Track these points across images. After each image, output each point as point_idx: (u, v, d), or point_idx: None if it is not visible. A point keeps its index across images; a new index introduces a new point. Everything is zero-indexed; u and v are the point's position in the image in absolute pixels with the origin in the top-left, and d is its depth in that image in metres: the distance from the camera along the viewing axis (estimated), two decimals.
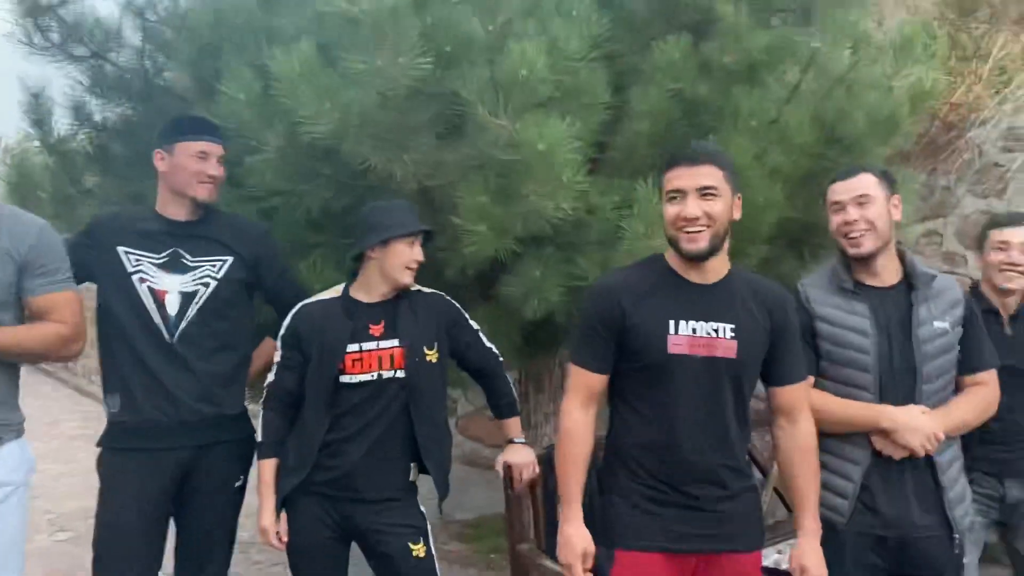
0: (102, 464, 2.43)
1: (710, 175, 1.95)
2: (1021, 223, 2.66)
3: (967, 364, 2.22)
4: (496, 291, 2.78)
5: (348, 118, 2.45)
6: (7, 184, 3.54)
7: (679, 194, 1.96)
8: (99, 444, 2.44)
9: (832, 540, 2.10)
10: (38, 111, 3.47)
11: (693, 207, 1.94)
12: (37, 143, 3.53)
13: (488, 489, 4.31)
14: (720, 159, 1.99)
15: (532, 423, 3.49)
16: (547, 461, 2.59)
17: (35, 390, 2.11)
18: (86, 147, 3.59)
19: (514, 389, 2.60)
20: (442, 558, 2.43)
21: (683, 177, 1.95)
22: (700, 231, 1.94)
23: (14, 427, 2.19)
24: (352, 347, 2.30)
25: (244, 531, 2.31)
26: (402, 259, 2.31)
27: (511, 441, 2.51)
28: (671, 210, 1.97)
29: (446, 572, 3.75)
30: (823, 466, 2.16)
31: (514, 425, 2.52)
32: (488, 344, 2.49)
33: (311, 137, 2.49)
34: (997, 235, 2.66)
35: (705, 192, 1.94)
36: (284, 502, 2.33)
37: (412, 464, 2.37)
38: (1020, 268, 2.61)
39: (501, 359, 2.53)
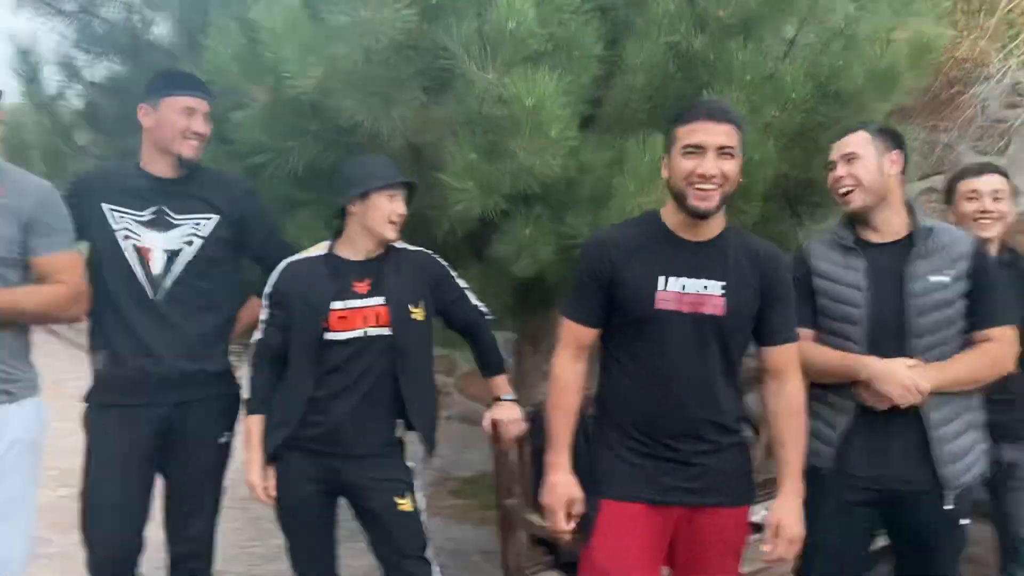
0: (88, 419, 2.45)
1: (730, 135, 1.94)
2: (988, 172, 2.66)
3: (975, 320, 2.19)
4: (487, 250, 2.76)
5: (333, 73, 2.40)
6: (4, 143, 3.52)
7: (697, 149, 1.93)
8: (85, 400, 2.46)
9: (815, 485, 2.12)
10: (28, 68, 3.43)
11: (712, 165, 1.92)
12: (28, 100, 3.50)
13: (486, 447, 4.35)
14: (737, 119, 1.98)
15: (528, 383, 3.49)
16: (535, 419, 2.61)
17: (41, 349, 2.13)
18: (76, 104, 3.55)
19: (505, 348, 2.60)
20: (438, 514, 2.46)
21: (704, 132, 1.93)
22: (713, 189, 1.93)
23: (28, 385, 2.23)
24: (337, 304, 2.29)
25: (244, 487, 2.36)
26: (382, 212, 2.29)
27: (498, 398, 2.51)
28: (686, 164, 1.94)
29: (441, 528, 3.80)
30: (812, 414, 2.18)
31: (501, 383, 2.52)
32: (475, 302, 2.48)
33: (296, 92, 2.45)
34: (966, 185, 2.67)
35: (723, 151, 1.93)
36: (272, 457, 2.35)
37: (398, 420, 2.38)
38: (994, 215, 2.60)
39: (490, 317, 2.52)
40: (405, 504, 2.33)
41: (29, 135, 3.50)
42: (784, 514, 2.04)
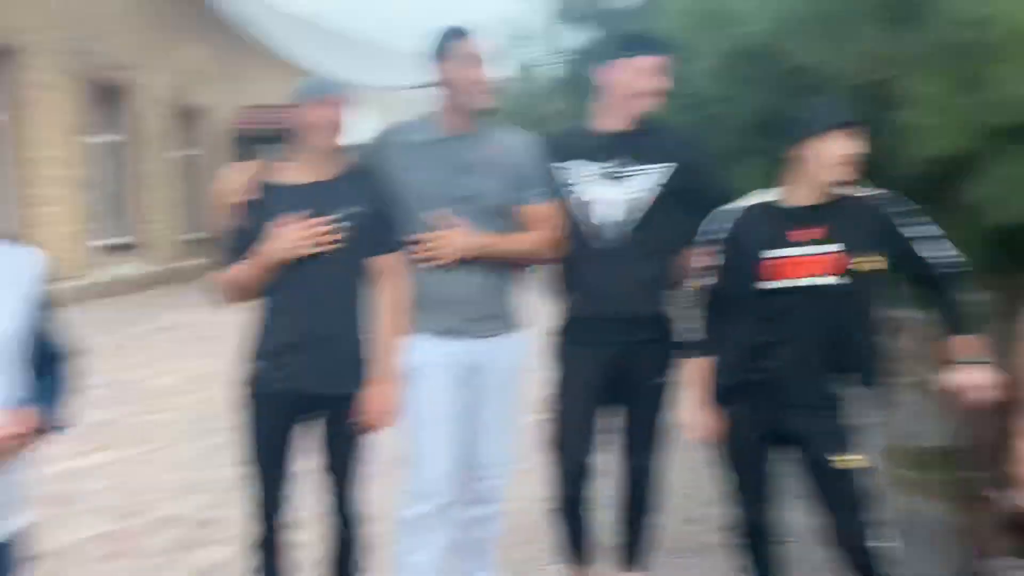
0: (557, 353, 2.77)
1: None
2: None
3: None
4: (954, 196, 2.47)
5: (785, 16, 2.35)
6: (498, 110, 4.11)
7: None
8: (556, 335, 2.78)
9: None
10: (516, 41, 3.93)
11: None
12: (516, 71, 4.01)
13: (946, 415, 3.92)
14: None
15: (1006, 347, 3.05)
16: (1012, 386, 2.28)
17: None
18: (556, 72, 3.98)
19: (979, 307, 2.31)
20: (891, 482, 2.32)
21: None
22: None
23: (516, 319, 2.67)
24: (772, 253, 2.26)
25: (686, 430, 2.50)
26: (829, 155, 2.19)
27: (961, 361, 2.25)
28: None
29: (892, 499, 3.52)
30: None
31: (966, 344, 2.25)
32: (938, 252, 2.24)
33: (749, 39, 2.45)
34: None
35: None
36: (717, 400, 2.42)
37: (842, 374, 2.28)
38: None
39: (956, 270, 2.26)
40: (843, 461, 2.23)
41: (517, 102, 4.01)
42: None
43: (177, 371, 6.98)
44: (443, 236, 2.47)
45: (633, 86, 2.57)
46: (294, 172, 2.47)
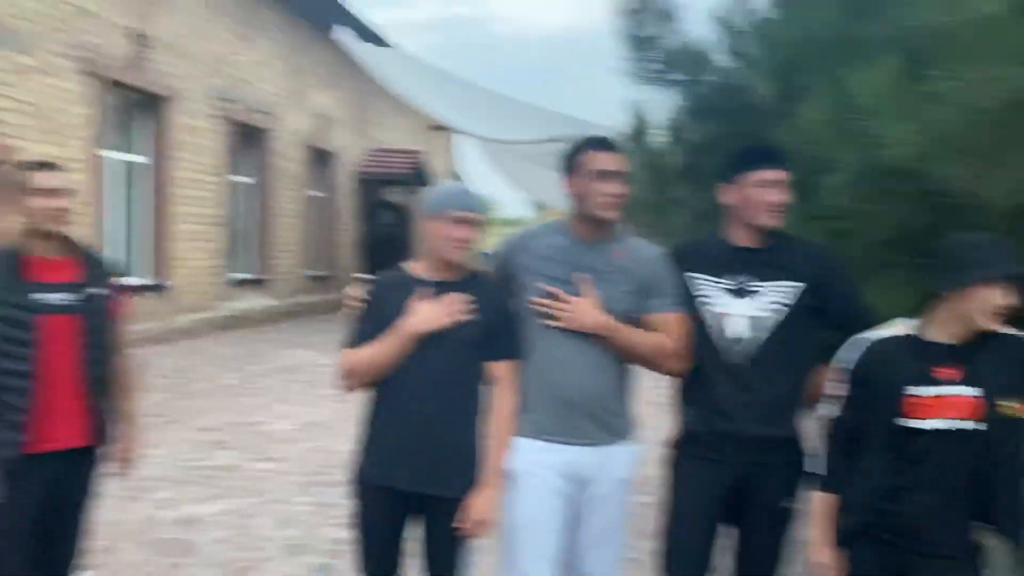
0: (672, 464, 2.68)
1: None
2: None
3: None
4: None
5: (933, 138, 2.24)
6: None
7: None
8: (668, 446, 2.70)
9: None
10: (638, 132, 3.93)
11: None
12: (636, 160, 3.99)
13: None
14: None
15: None
16: None
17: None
18: (676, 162, 3.95)
19: None
20: None
21: None
22: None
23: (630, 428, 2.61)
24: (914, 390, 2.13)
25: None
26: (983, 304, 2.05)
27: None
28: None
29: None
30: None
31: None
32: None
33: (892, 159, 2.35)
34: None
35: None
36: (841, 541, 2.27)
37: (981, 524, 2.12)
38: None
39: None
40: None
41: (634, 190, 3.98)
42: None
43: (291, 416, 7.21)
44: (576, 301, 2.44)
45: (756, 202, 2.50)
46: (420, 269, 2.54)
